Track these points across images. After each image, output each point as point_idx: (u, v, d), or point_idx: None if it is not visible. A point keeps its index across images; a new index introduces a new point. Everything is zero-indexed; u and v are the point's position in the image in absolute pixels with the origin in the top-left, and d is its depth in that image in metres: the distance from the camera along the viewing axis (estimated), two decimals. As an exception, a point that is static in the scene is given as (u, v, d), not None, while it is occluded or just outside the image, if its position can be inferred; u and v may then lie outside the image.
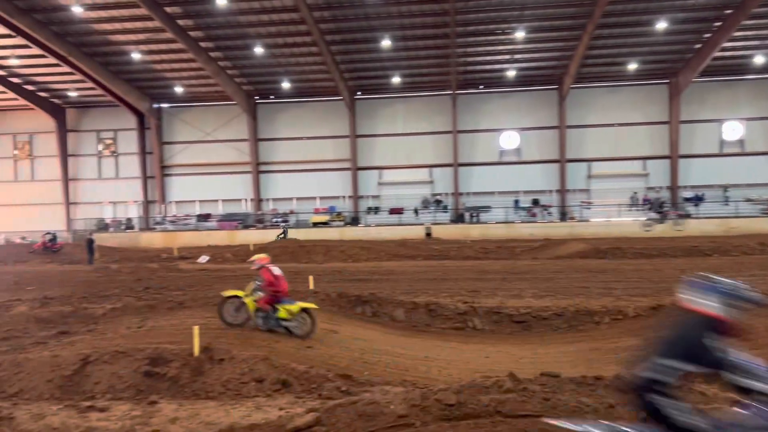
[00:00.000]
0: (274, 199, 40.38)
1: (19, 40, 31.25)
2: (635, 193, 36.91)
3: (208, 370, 7.53)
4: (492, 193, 38.36)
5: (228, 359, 7.69)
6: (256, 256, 11.00)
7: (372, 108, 39.28)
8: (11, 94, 38.07)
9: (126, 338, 9.60)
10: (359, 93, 38.85)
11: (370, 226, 36.70)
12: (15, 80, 37.40)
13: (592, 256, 22.97)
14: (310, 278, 15.37)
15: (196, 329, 7.99)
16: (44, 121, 40.96)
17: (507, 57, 34.88)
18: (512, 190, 38.13)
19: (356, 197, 39.24)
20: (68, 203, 41.69)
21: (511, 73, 36.35)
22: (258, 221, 38.77)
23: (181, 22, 30.60)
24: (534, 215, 36.84)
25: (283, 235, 32.80)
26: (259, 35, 31.95)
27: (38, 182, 42.54)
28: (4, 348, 10.45)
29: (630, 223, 34.61)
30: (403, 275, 19.23)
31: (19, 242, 37.03)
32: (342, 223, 37.62)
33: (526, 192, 38.19)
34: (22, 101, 39.03)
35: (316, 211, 39.18)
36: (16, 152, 42.68)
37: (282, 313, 9.86)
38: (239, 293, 10.46)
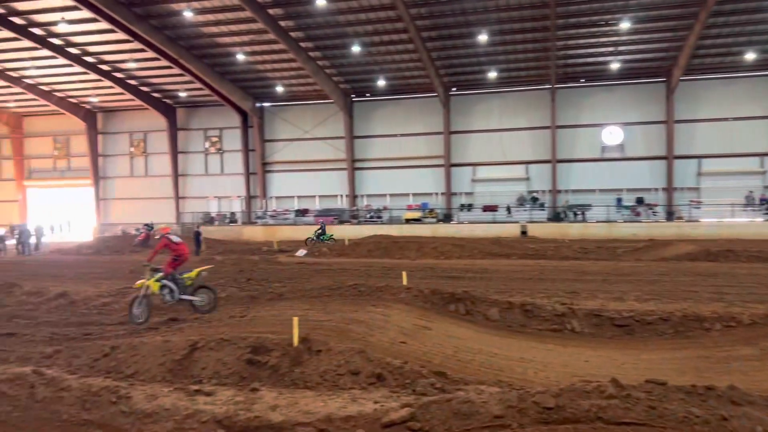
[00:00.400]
0: (368, 195, 40.97)
1: (136, 45, 33.56)
2: (751, 192, 34.30)
3: (306, 360, 7.75)
4: (593, 190, 36.96)
5: (325, 351, 7.87)
6: (158, 226, 12.54)
7: (467, 104, 38.92)
8: (128, 95, 40.96)
9: (230, 327, 10.05)
10: (454, 89, 38.61)
11: (462, 223, 36.43)
12: (132, 82, 40.20)
13: (702, 258, 21.60)
14: (404, 274, 15.46)
15: (295, 320, 8.25)
16: (157, 120, 43.82)
17: (611, 49, 33.44)
18: (614, 187, 36.55)
19: (449, 194, 39.06)
20: (178, 197, 44.33)
21: (614, 66, 34.84)
22: (353, 217, 39.50)
23: (282, 23, 31.67)
24: (638, 214, 35.12)
25: (317, 235, 31.21)
26: (357, 34, 32.49)
27: (151, 177, 45.54)
28: (121, 331, 11.27)
29: (745, 224, 32.23)
30: (497, 274, 18.93)
31: (134, 233, 39.77)
32: (434, 219, 37.59)
33: (630, 190, 36.48)
34: (137, 102, 41.90)
35: (409, 208, 39.37)
36: (132, 149, 45.90)
37: (187, 281, 11.43)
38: (138, 285, 11.79)
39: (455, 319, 11.73)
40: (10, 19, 32.11)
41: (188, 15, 30.22)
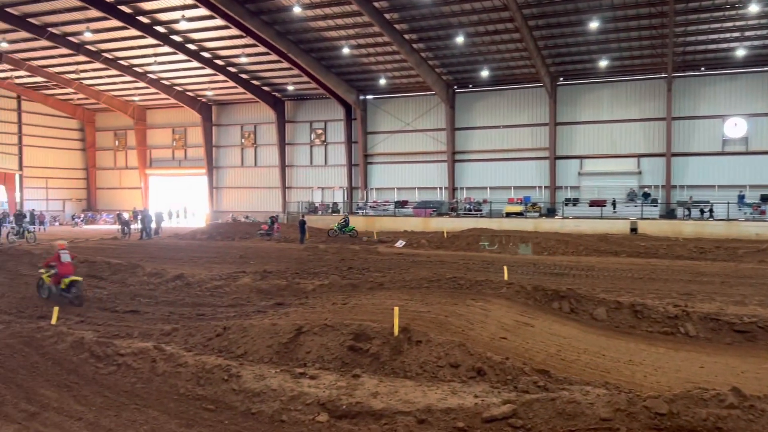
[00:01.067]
0: (468, 188, 40.55)
1: (248, 40, 35.08)
2: None
3: (406, 350, 7.81)
4: (711, 186, 34.50)
5: (425, 342, 7.90)
6: (59, 242, 14.94)
7: (574, 94, 37.49)
8: (240, 89, 42.92)
9: (333, 313, 10.31)
10: (561, 79, 37.30)
11: (567, 218, 35.20)
12: (244, 76, 42.09)
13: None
14: (505, 268, 15.21)
15: (396, 310, 8.33)
16: (266, 112, 45.63)
17: (736, 34, 30.97)
18: (736, 183, 33.90)
19: (554, 188, 37.87)
20: (284, 187, 46.01)
21: (739, 53, 32.23)
22: (452, 209, 39.27)
23: (387, 15, 31.92)
24: (762, 213, 32.39)
25: (340, 227, 32.06)
26: (461, 24, 32.14)
27: (260, 168, 47.54)
28: (231, 313, 11.87)
29: None
30: (604, 272, 18.18)
31: (244, 221, 41.73)
32: (537, 214, 36.58)
33: (753, 186, 33.70)
34: (249, 95, 43.81)
35: (511, 201, 38.58)
36: (243, 141, 48.10)
37: (63, 285, 12.88)
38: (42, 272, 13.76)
39: (558, 317, 11.39)
40: (137, 18, 34.54)
41: (297, 10, 31.16)
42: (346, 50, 35.41)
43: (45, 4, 33.52)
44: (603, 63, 34.45)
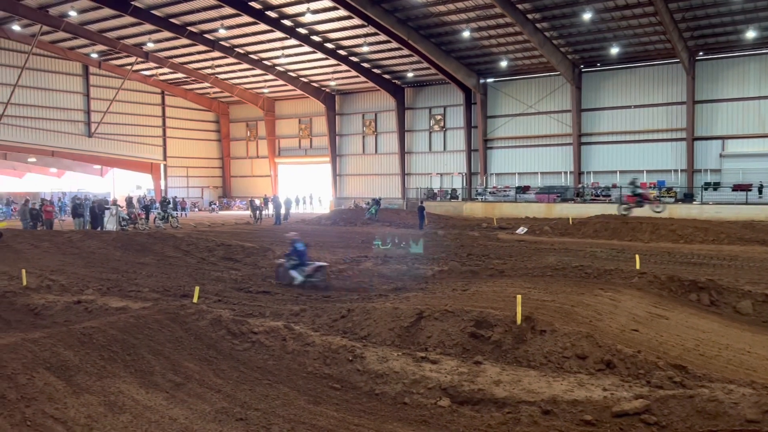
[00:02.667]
0: (595, 172, 38.70)
1: (369, 29, 35.66)
2: None
3: (530, 339, 7.63)
4: None
5: (550, 331, 7.67)
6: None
7: (715, 69, 34.46)
8: (362, 78, 43.80)
9: (453, 299, 10.29)
10: (700, 53, 34.42)
11: (706, 203, 32.59)
12: (365, 65, 42.89)
13: None
14: (637, 257, 14.40)
15: (519, 298, 8.16)
16: (386, 100, 46.25)
17: None
18: None
19: (691, 171, 35.18)
20: (404, 174, 46.49)
21: None
22: (577, 195, 37.71)
23: (508, -4, 31.09)
24: None
25: (373, 208, 33.09)
26: (588, 0, 30.58)
27: (380, 155, 48.37)
28: (355, 297, 12.21)
29: None
30: (749, 262, 16.66)
31: (366, 207, 42.71)
32: (672, 199, 34.19)
33: None
34: (370, 83, 44.61)
35: (643, 186, 36.31)
36: (364, 129, 49.12)
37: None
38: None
39: (696, 310, 10.61)
40: (266, 13, 36.23)
41: (417, -4, 31.22)
42: (466, 34, 34.93)
43: (184, 5, 36.06)
44: (750, 34, 31.32)
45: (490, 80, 42.01)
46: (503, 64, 38.96)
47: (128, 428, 5.70)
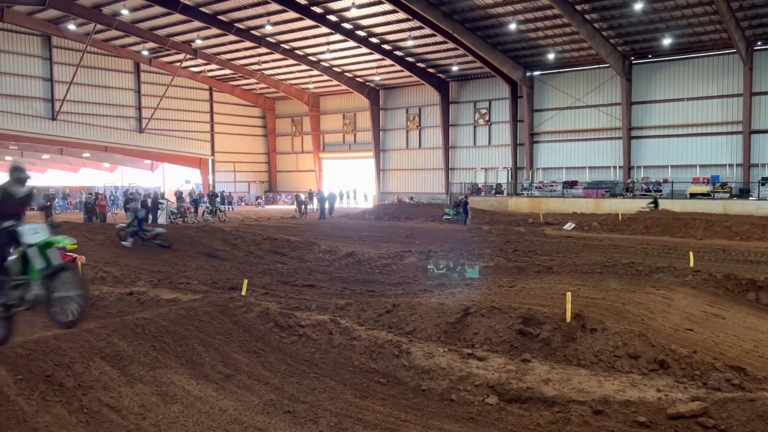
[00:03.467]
0: (645, 167, 37.67)
1: (414, 23, 35.55)
2: None
3: (580, 337, 7.46)
4: None
5: (600, 330, 7.48)
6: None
7: (776, 60, 33.07)
8: (406, 72, 43.69)
9: (499, 296, 10.15)
10: (759, 43, 33.05)
11: (764, 199, 31.33)
12: (410, 59, 42.76)
13: None
14: (690, 254, 13.97)
15: (568, 295, 7.99)
16: (431, 94, 46.03)
17: None
18: None
19: (747, 165, 33.85)
20: (447, 168, 46.21)
21: None
22: (627, 190, 36.77)
23: (556, -14, 30.47)
24: None
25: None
26: (639, -10, 29.73)
27: (424, 150, 48.20)
28: (399, 291, 12.19)
29: None
30: (811, 261, 15.94)
31: (409, 202, 42.69)
32: (727, 195, 32.98)
33: None
34: (414, 78, 44.47)
35: (695, 181, 35.18)
36: (408, 123, 49.01)
37: None
38: None
39: (755, 310, 10.22)
40: (312, 8, 36.48)
41: (462, -11, 30.92)
42: (512, 26, 34.42)
43: (232, 2, 36.64)
44: (814, 21, 29.93)
45: (536, 73, 41.32)
46: (550, 56, 38.24)
47: (180, 418, 5.81)
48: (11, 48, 41.28)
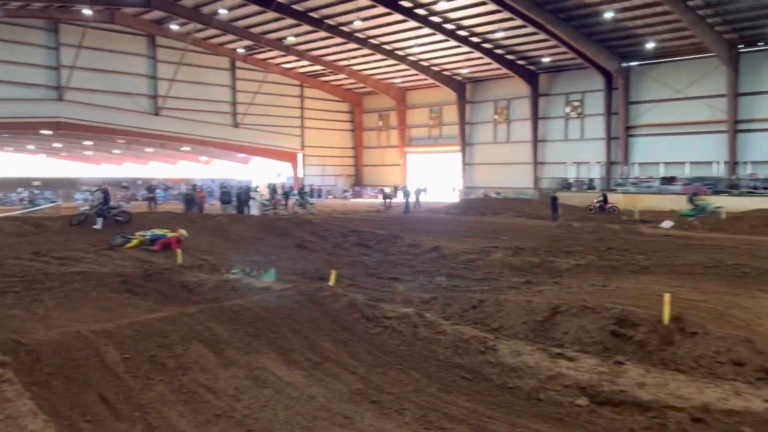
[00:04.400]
0: (754, 162, 35.13)
1: (504, 14, 34.86)
2: None
3: (678, 341, 7.10)
4: None
5: (701, 334, 7.08)
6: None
7: None
8: (495, 65, 42.96)
9: (591, 295, 9.83)
10: None
11: None
12: (499, 51, 42.00)
13: None
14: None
15: (666, 297, 7.61)
16: (520, 87, 45.01)
17: None
18: None
19: None
20: (536, 163, 45.10)
21: None
22: (732, 186, 34.44)
23: (657, -28, 28.93)
24: None
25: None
26: (750, -28, 27.72)
27: (512, 143, 47.27)
28: (485, 287, 12.04)
29: None
30: None
31: (495, 197, 42.04)
32: None
33: None
34: (503, 70, 43.66)
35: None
36: (495, 117, 48.23)
37: None
38: None
39: None
40: (400, 3, 36.57)
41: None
42: (608, 15, 33.03)
43: (323, -1, 37.39)
44: None
45: (633, 64, 39.47)
46: (649, 46, 36.38)
47: (270, 402, 6.03)
48: (121, 48, 44.02)
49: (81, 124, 42.37)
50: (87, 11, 37.70)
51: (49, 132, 44.05)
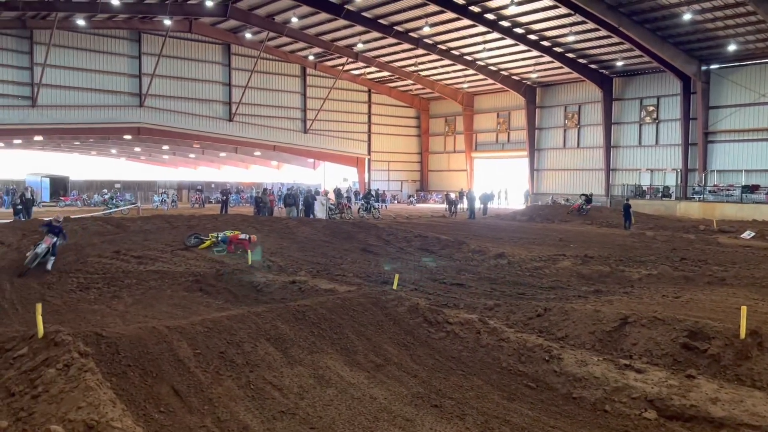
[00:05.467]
0: None
1: (576, 18, 34.09)
2: None
3: (756, 356, 6.77)
4: None
5: (782, 350, 6.74)
6: None
7: None
8: (566, 69, 42.06)
9: (662, 306, 9.51)
10: None
11: None
12: (570, 55, 41.10)
13: None
14: None
15: (743, 310, 7.27)
16: (591, 91, 43.88)
17: None
18: None
19: None
20: (608, 169, 43.80)
21: None
22: (822, 196, 32.37)
23: (740, -30, 27.60)
24: None
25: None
26: None
27: (582, 149, 46.10)
28: (551, 296, 11.83)
29: None
30: None
31: (564, 204, 41.10)
32: None
33: None
34: (574, 74, 42.68)
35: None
36: (566, 122, 47.17)
37: None
38: None
39: None
40: (469, 8, 36.41)
41: (630, -21, 29.05)
42: (687, 17, 31.73)
43: (392, 5, 37.66)
44: None
45: (713, 67, 37.75)
46: (730, 48, 34.70)
47: (334, 402, 6.16)
48: (198, 56, 45.85)
49: (160, 129, 44.38)
50: (167, 21, 39.57)
51: (130, 137, 46.35)
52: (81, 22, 38.07)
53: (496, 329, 8.06)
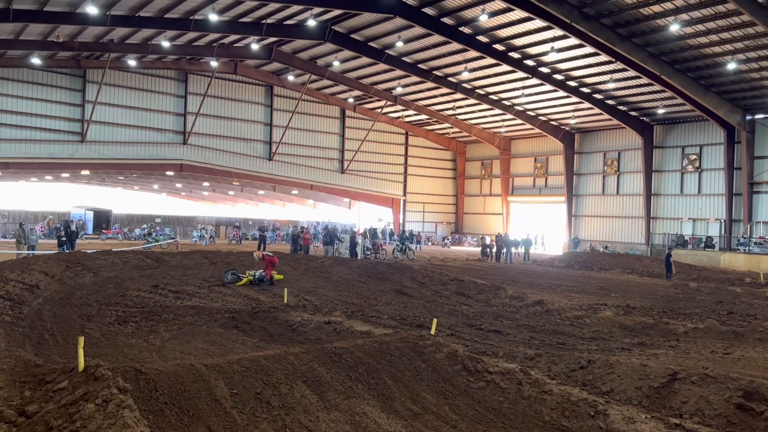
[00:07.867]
0: None
1: (617, 65, 34.01)
2: None
3: (819, 423, 6.37)
4: None
5: None
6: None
7: None
8: (605, 115, 41.82)
9: (712, 362, 9.10)
10: None
11: None
12: (610, 102, 40.91)
13: None
14: None
15: (803, 371, 6.89)
16: (632, 138, 43.48)
17: None
18: None
19: None
20: (649, 217, 42.96)
21: None
22: None
23: (787, 21, 27.23)
24: None
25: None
26: None
27: (622, 196, 45.41)
28: (593, 347, 11.46)
29: None
30: None
31: (602, 251, 40.29)
32: None
33: None
34: (614, 121, 42.39)
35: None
36: (605, 168, 46.65)
37: None
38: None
39: None
40: (509, 54, 36.71)
41: (674, 28, 28.92)
42: (731, 66, 31.37)
43: (432, 51, 38.22)
44: None
45: (758, 116, 37.05)
46: (777, 98, 34.08)
47: (370, 450, 5.98)
48: (241, 96, 47.17)
49: (201, 166, 45.44)
50: (214, 63, 40.91)
51: (172, 173, 47.50)
52: (132, 62, 39.65)
53: (538, 381, 7.79)
